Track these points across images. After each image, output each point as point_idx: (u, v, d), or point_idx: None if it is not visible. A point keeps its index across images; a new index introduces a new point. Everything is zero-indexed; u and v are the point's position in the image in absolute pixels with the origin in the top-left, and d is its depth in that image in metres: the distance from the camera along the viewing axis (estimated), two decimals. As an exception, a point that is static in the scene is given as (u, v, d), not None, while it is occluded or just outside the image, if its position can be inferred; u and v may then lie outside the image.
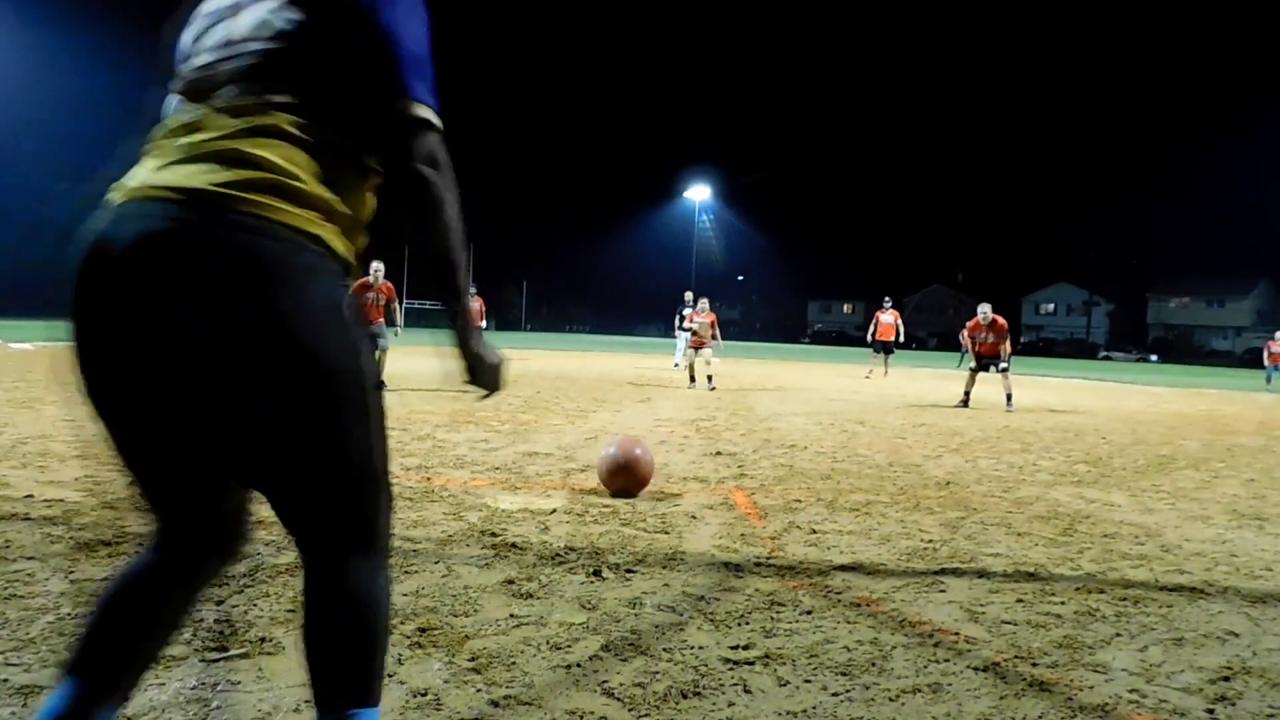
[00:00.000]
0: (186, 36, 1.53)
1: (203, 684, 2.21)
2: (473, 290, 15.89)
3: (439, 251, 1.44)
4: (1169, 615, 3.17)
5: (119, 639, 1.47)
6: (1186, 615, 3.19)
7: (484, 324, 21.16)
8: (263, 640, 2.51)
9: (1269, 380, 23.60)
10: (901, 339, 20.35)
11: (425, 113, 1.43)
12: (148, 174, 1.37)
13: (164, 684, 2.20)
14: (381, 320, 10.20)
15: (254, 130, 1.36)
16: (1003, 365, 12.48)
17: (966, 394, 12.53)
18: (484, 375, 1.55)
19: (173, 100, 1.50)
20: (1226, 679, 2.58)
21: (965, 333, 13.06)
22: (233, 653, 2.41)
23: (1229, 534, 4.65)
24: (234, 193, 1.30)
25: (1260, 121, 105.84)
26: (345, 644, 1.41)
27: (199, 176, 1.32)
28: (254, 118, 1.36)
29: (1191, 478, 6.64)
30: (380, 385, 1.48)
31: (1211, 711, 2.35)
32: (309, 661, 1.42)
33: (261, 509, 1.55)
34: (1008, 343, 12.66)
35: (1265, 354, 24.12)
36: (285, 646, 2.48)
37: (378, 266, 10.60)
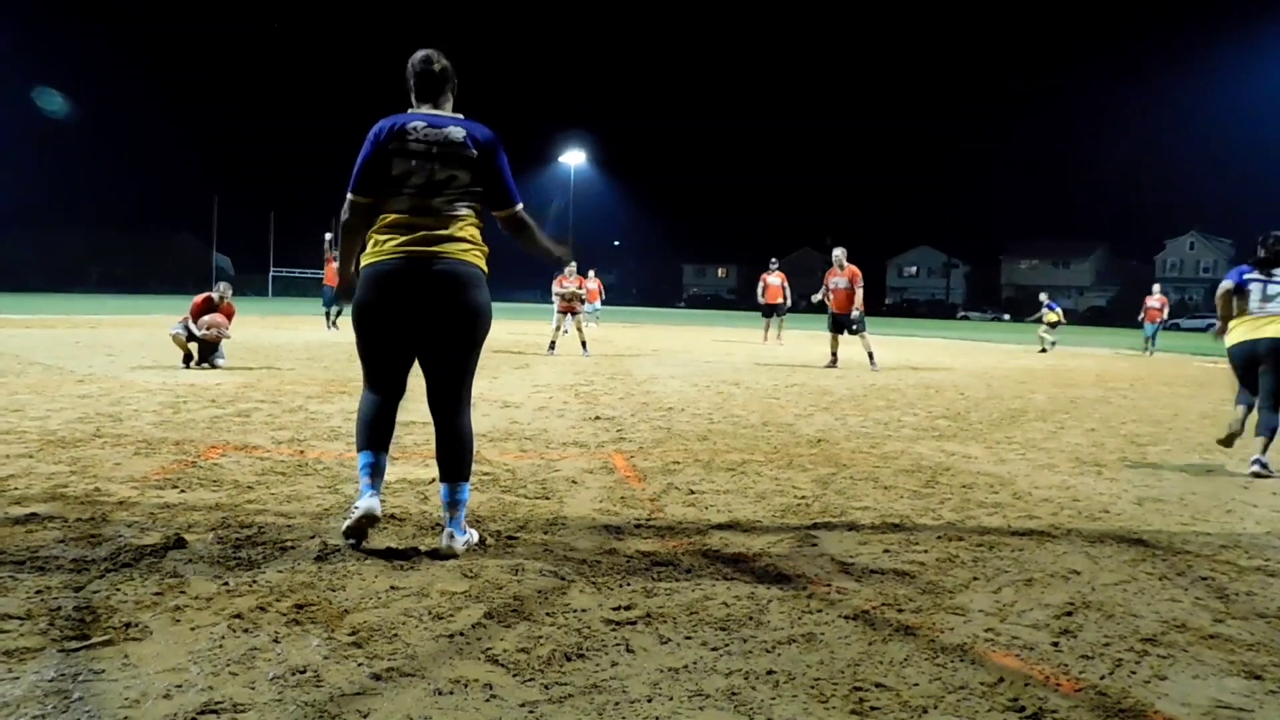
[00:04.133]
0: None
1: (62, 675, 2.09)
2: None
3: (537, 244, 3.49)
4: (1020, 558, 3.40)
5: (378, 429, 3.29)
6: (1035, 557, 3.43)
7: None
8: (127, 626, 2.39)
9: (1152, 339, 21.17)
10: (788, 301, 19.79)
11: (520, 205, 3.39)
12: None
13: (17, 678, 2.07)
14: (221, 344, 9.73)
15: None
16: (854, 326, 12.53)
17: (834, 354, 12.95)
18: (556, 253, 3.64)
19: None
20: (1069, 614, 2.80)
21: (825, 280, 13.08)
22: (94, 640, 2.29)
23: (1072, 480, 5.01)
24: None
25: (1100, 97, 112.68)
26: (466, 451, 3.28)
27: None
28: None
29: (1040, 429, 7.10)
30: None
31: (1056, 644, 2.54)
32: (446, 463, 3.25)
33: (112, 494, 1.49)
34: (860, 291, 12.57)
35: (1143, 311, 21.28)
36: (152, 631, 2.37)
37: (225, 287, 10.09)
